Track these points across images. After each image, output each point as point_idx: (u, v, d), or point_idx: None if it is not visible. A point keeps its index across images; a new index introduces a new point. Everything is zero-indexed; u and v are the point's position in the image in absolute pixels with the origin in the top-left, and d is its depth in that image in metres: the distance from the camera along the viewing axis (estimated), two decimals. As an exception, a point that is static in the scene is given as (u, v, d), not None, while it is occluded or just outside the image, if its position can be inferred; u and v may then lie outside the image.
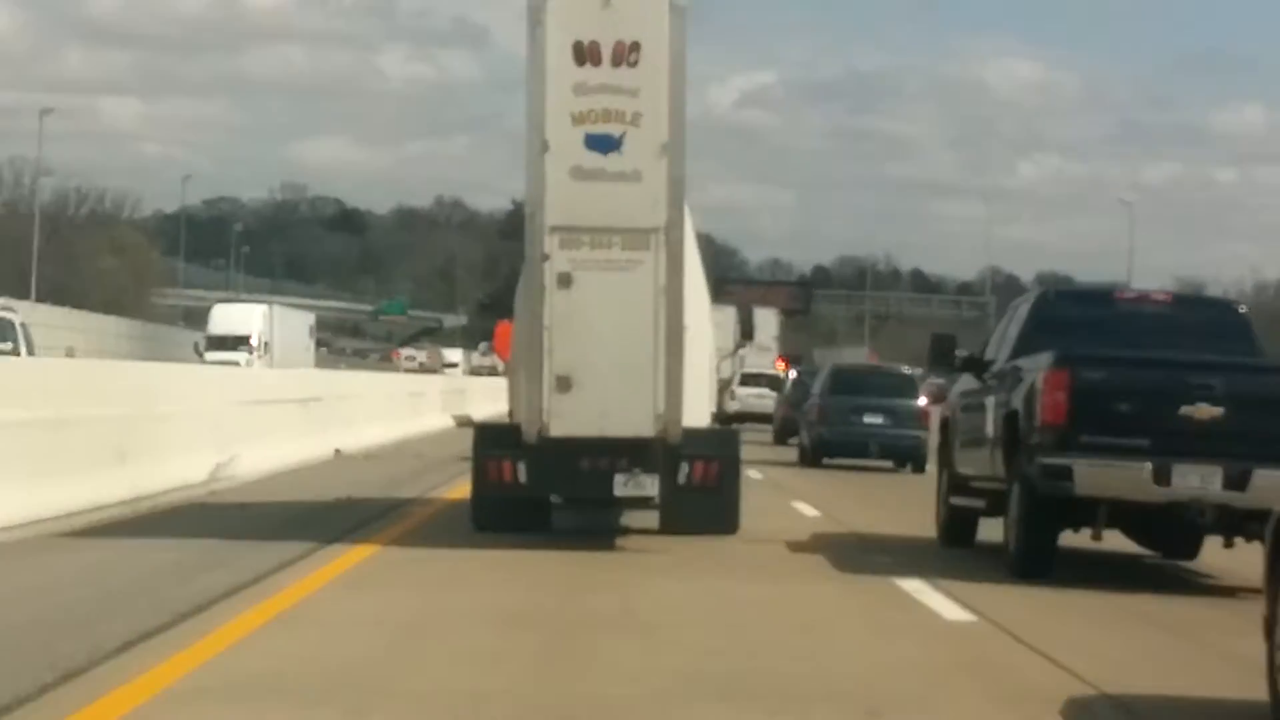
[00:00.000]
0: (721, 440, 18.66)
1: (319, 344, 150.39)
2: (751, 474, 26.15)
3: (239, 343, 78.10)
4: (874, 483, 32.88)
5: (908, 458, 36.79)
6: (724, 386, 49.67)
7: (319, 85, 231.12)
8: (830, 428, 36.96)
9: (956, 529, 18.97)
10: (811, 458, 37.49)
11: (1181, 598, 15.72)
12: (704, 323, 19.44)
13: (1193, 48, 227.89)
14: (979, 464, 17.84)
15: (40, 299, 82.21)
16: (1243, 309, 18.41)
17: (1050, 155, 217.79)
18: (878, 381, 39.21)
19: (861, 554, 18.13)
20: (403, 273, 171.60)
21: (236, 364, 63.34)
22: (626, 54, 17.17)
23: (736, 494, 18.52)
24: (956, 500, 18.63)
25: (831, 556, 17.50)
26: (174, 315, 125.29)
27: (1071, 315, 17.77)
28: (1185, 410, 15.11)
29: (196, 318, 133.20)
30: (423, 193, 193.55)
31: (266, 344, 79.65)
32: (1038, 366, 15.84)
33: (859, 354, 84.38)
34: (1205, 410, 15.06)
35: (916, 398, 38.09)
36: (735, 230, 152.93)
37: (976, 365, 18.62)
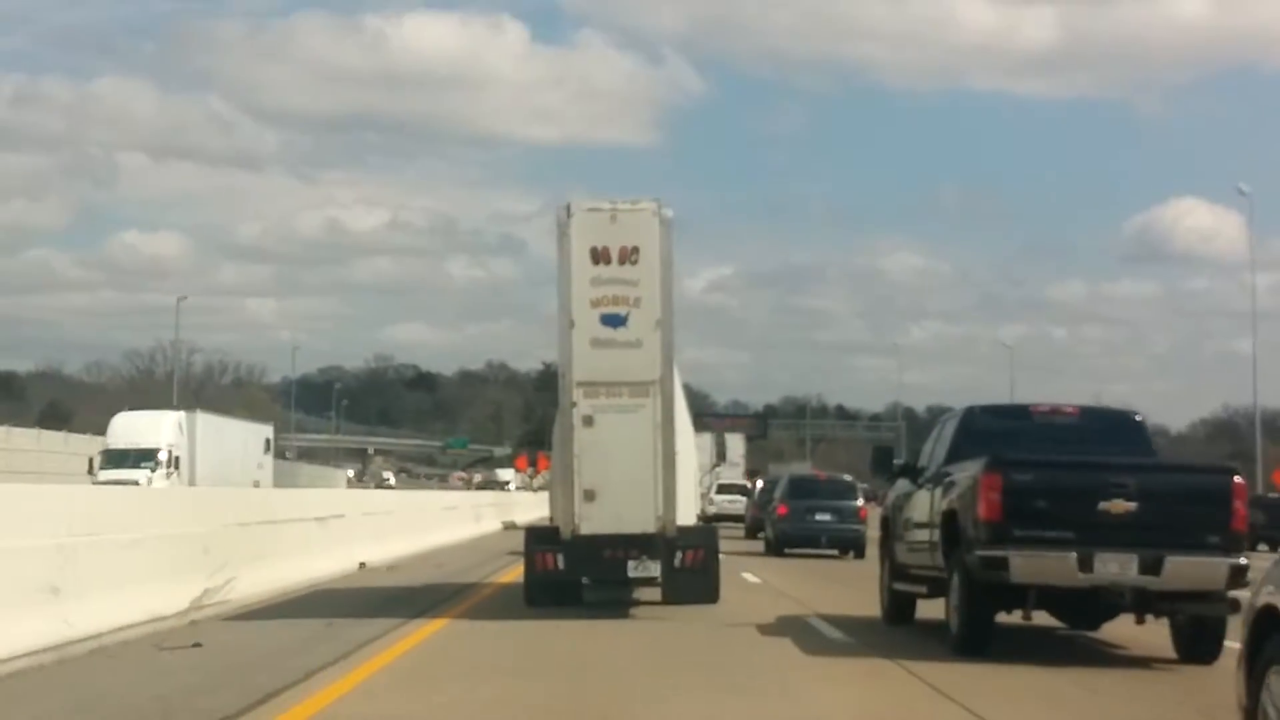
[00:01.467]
0: (705, 534, 18.67)
1: (403, 471, 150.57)
2: (749, 578, 25.09)
3: (142, 458, 49.94)
4: (826, 568, 30.97)
5: (851, 546, 35.29)
6: (703, 495, 49.74)
7: (403, 285, 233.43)
8: (790, 524, 35.65)
9: (899, 610, 17.12)
10: (775, 548, 35.92)
11: (1110, 670, 13.62)
12: (690, 447, 19.50)
13: (1031, 240, 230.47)
14: (918, 555, 15.99)
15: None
16: (1139, 416, 16.44)
17: (932, 320, 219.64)
18: (826, 487, 37.66)
19: (821, 634, 15.91)
20: (464, 418, 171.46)
21: (135, 483, 42.46)
22: (629, 255, 17.28)
23: (717, 573, 18.37)
24: (899, 586, 16.83)
25: (800, 639, 15.20)
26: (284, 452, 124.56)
27: (994, 426, 15.83)
28: (1103, 505, 13.39)
29: (309, 455, 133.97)
30: (478, 359, 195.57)
31: (177, 459, 50.92)
32: (973, 470, 14.03)
33: (804, 467, 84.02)
34: (1121, 505, 13.38)
35: (857, 499, 36.60)
36: (706, 380, 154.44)
37: (912, 471, 16.84)
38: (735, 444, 69.57)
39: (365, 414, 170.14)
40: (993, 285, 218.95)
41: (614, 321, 17.30)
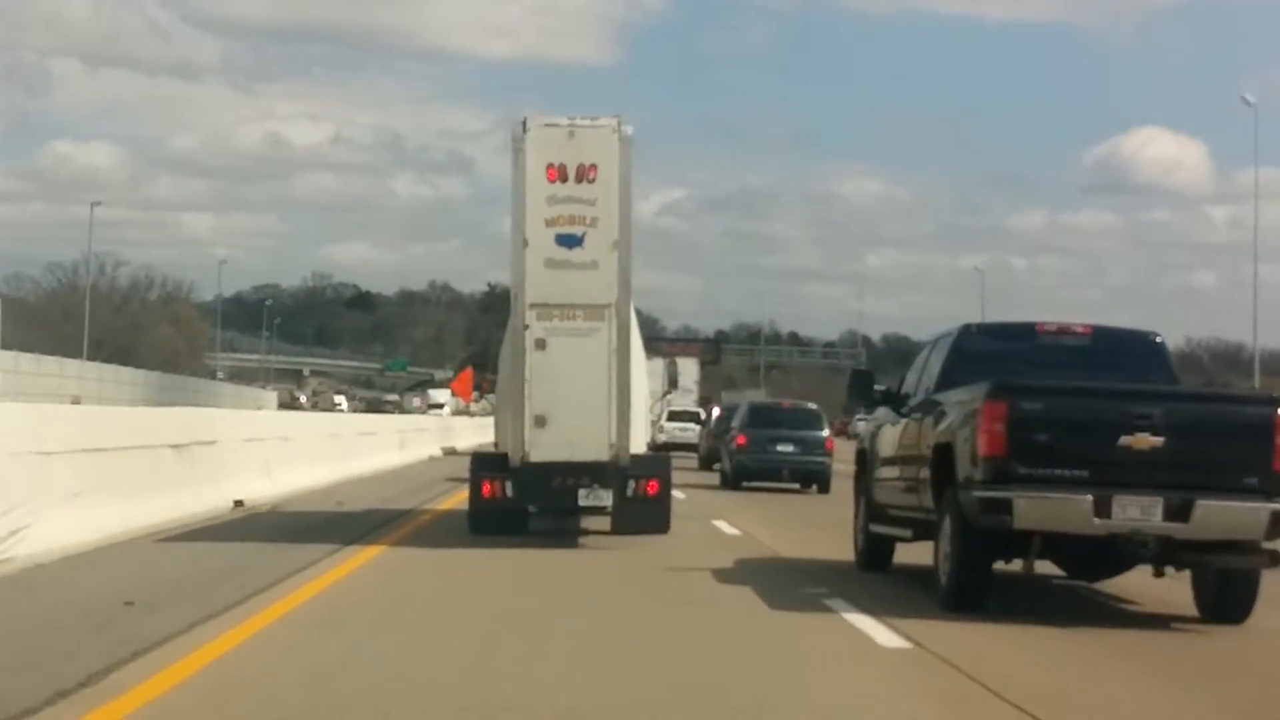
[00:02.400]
0: (658, 463, 18.55)
1: (342, 392, 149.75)
2: (678, 495, 23.33)
3: None
4: (789, 503, 29.01)
5: (814, 480, 33.65)
6: (654, 422, 49.48)
7: (346, 202, 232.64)
8: (749, 455, 33.70)
9: (875, 555, 15.61)
10: (733, 480, 34.14)
11: (1127, 631, 12.08)
12: (641, 374, 19.43)
13: (992, 169, 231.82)
14: (902, 494, 14.43)
15: (107, 360, 78.98)
16: (1159, 338, 14.63)
17: (890, 248, 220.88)
18: (789, 416, 35.54)
19: (790, 582, 14.43)
20: (404, 340, 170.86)
21: None
22: (587, 173, 17.16)
23: (669, 504, 18.43)
24: (876, 528, 15.27)
25: (764, 586, 13.66)
26: (215, 371, 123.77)
27: (994, 349, 14.20)
28: (1124, 440, 11.73)
29: (240, 376, 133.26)
30: (421, 281, 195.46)
31: None
32: (972, 397, 12.40)
33: (758, 394, 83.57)
34: (1145, 440, 11.73)
35: (823, 429, 34.74)
36: (657, 305, 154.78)
37: (895, 399, 15.21)
38: (688, 369, 68.93)
39: (301, 334, 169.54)
40: (952, 214, 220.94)
41: (570, 241, 17.21)
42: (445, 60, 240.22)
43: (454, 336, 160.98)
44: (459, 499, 21.97)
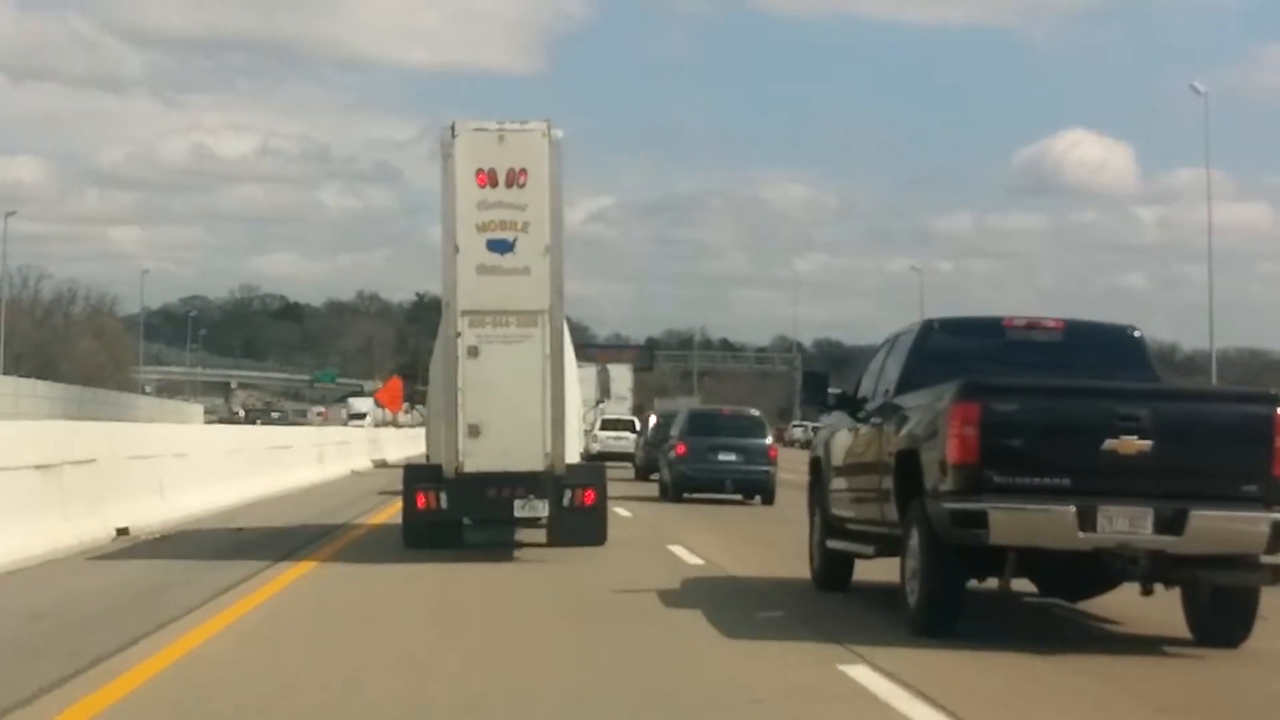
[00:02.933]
0: (594, 473, 18.36)
1: (269, 408, 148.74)
2: (620, 511, 23.35)
3: None
4: (734, 516, 27.40)
5: (758, 491, 31.82)
6: (587, 431, 49.04)
7: (273, 214, 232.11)
8: (690, 465, 31.91)
9: (833, 573, 14.38)
10: (673, 492, 32.22)
11: (1115, 657, 10.84)
12: (574, 382, 19.37)
13: (918, 172, 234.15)
14: (861, 507, 13.32)
15: (26, 374, 77.10)
16: (1137, 332, 13.50)
17: (818, 253, 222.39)
18: (730, 423, 33.81)
19: (744, 603, 13.47)
20: (333, 351, 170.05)
21: None
22: (517, 178, 17.01)
23: (605, 514, 18.30)
24: (834, 544, 14.04)
25: (712, 607, 12.77)
26: (143, 386, 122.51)
27: (958, 346, 13.01)
28: (1109, 444, 10.63)
29: (166, 388, 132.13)
30: (349, 291, 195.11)
31: None
32: (939, 400, 11.27)
33: (692, 401, 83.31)
34: (1132, 444, 10.64)
35: (766, 437, 32.99)
36: (585, 314, 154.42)
37: (851, 403, 13.98)
38: (622, 376, 68.11)
39: (229, 346, 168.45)
40: (880, 217, 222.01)
41: (501, 247, 17.04)
42: (369, 69, 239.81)
43: (383, 347, 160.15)
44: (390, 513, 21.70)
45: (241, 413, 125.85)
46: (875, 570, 13.94)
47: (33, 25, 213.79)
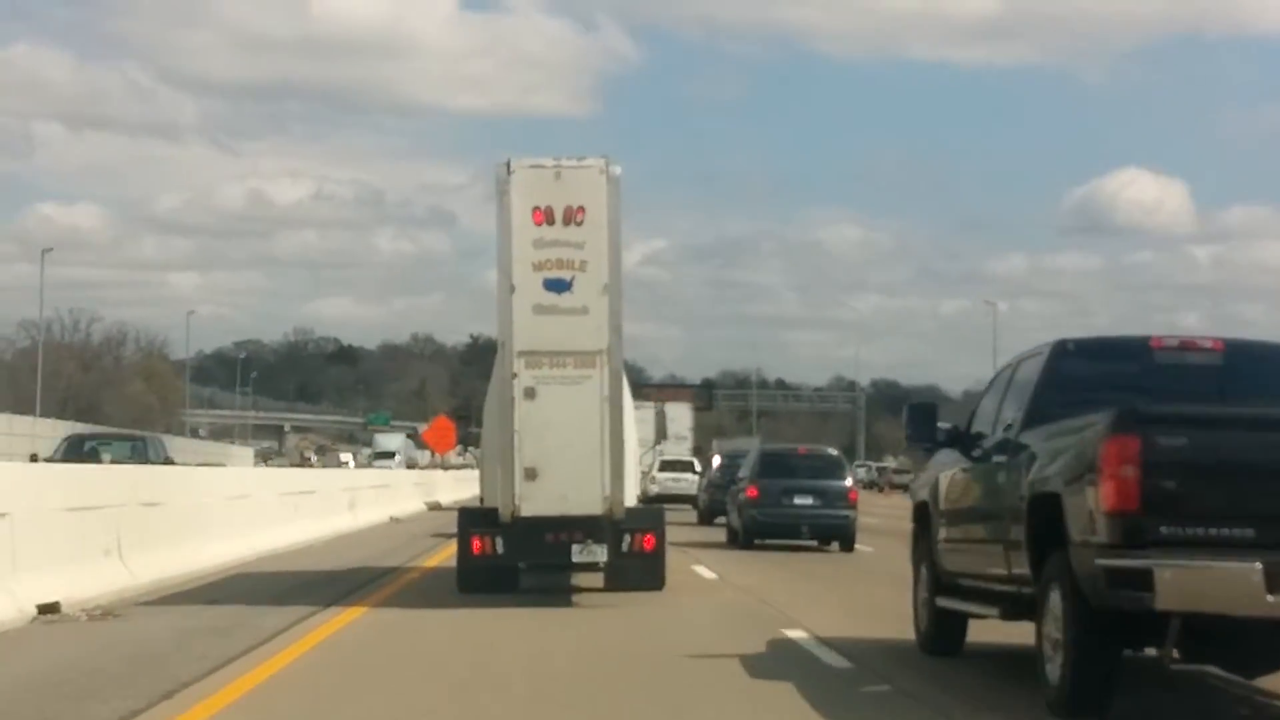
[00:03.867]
0: (654, 517, 18.19)
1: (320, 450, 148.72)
2: (703, 572, 22.12)
3: None
4: (811, 566, 25.38)
5: (837, 537, 29.81)
6: (645, 473, 48.62)
7: (328, 259, 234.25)
8: (762, 509, 29.77)
9: (942, 635, 12.85)
10: (743, 539, 30.02)
11: None
12: (632, 423, 19.20)
13: (973, 214, 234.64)
14: (981, 559, 11.74)
15: (73, 417, 75.89)
16: None
17: (871, 294, 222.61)
18: (806, 464, 31.53)
19: (841, 674, 11.95)
20: (387, 394, 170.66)
21: None
22: (575, 215, 16.85)
23: (664, 559, 18.02)
24: (945, 602, 12.52)
25: (802, 677, 11.41)
26: (195, 430, 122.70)
27: (1098, 371, 11.27)
28: None
29: (218, 432, 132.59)
30: (403, 334, 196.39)
31: None
32: (1088, 433, 9.62)
33: (751, 443, 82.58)
34: None
35: (845, 478, 30.94)
36: (639, 355, 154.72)
37: (965, 440, 12.44)
38: (681, 415, 67.27)
39: (283, 390, 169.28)
40: (932, 258, 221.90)
41: (558, 286, 16.90)
42: (422, 115, 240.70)
43: (437, 389, 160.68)
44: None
45: (314, 458, 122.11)
46: (988, 630, 12.71)
47: (90, 75, 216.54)
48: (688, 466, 53.64)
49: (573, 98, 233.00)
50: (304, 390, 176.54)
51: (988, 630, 12.61)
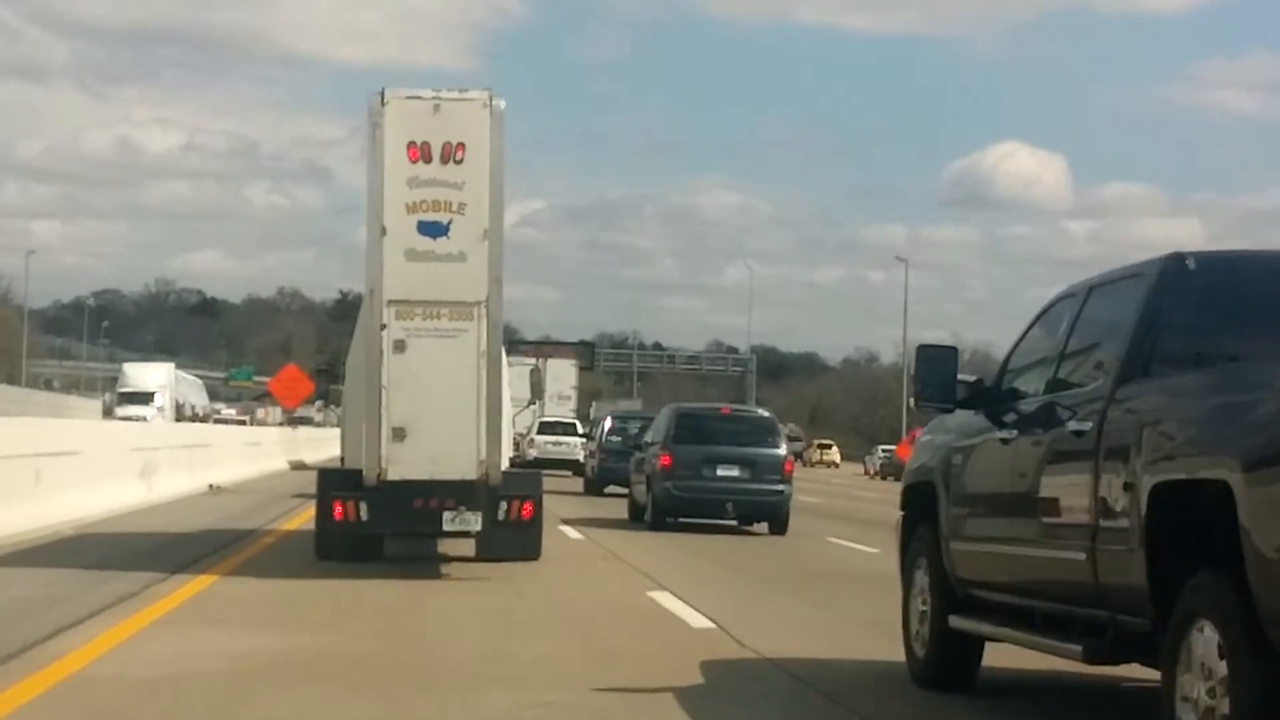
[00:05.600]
0: (531, 483, 17.45)
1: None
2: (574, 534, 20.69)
3: None
4: (736, 553, 21.72)
5: (768, 516, 25.87)
6: (523, 435, 47.48)
7: (198, 211, 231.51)
8: (677, 481, 25.58)
9: (953, 663, 9.98)
10: (653, 516, 25.96)
11: None
12: (505, 382, 18.36)
13: (855, 182, 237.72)
14: (1038, 569, 8.59)
15: None
16: None
17: (749, 260, 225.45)
18: (732, 427, 27.06)
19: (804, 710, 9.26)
20: (251, 349, 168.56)
21: None
22: (454, 152, 15.97)
23: (541, 528, 17.48)
24: (962, 623, 9.64)
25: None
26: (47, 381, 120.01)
27: (1238, 298, 8.24)
28: None
29: (69, 385, 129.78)
30: (271, 288, 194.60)
31: None
32: (1246, 384, 6.98)
33: (633, 405, 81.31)
34: None
35: (780, 445, 26.69)
36: (515, 316, 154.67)
37: (997, 399, 9.49)
38: (565, 373, 65.50)
39: (141, 342, 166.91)
40: (812, 226, 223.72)
41: (434, 230, 16.02)
42: (302, 65, 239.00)
43: (304, 345, 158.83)
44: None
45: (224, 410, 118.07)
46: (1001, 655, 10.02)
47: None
48: (570, 429, 51.61)
49: (456, 53, 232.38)
50: (163, 343, 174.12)
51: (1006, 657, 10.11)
